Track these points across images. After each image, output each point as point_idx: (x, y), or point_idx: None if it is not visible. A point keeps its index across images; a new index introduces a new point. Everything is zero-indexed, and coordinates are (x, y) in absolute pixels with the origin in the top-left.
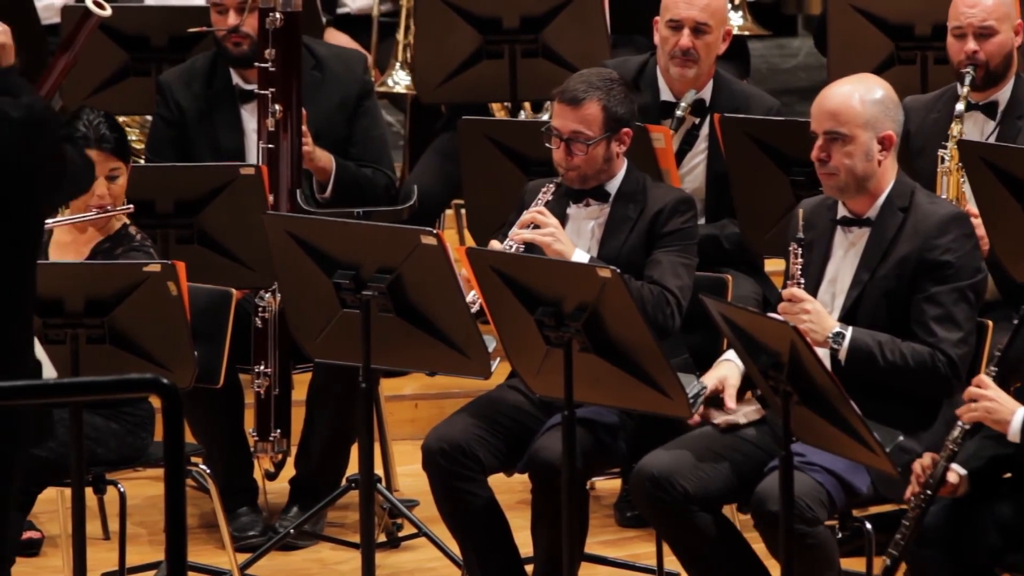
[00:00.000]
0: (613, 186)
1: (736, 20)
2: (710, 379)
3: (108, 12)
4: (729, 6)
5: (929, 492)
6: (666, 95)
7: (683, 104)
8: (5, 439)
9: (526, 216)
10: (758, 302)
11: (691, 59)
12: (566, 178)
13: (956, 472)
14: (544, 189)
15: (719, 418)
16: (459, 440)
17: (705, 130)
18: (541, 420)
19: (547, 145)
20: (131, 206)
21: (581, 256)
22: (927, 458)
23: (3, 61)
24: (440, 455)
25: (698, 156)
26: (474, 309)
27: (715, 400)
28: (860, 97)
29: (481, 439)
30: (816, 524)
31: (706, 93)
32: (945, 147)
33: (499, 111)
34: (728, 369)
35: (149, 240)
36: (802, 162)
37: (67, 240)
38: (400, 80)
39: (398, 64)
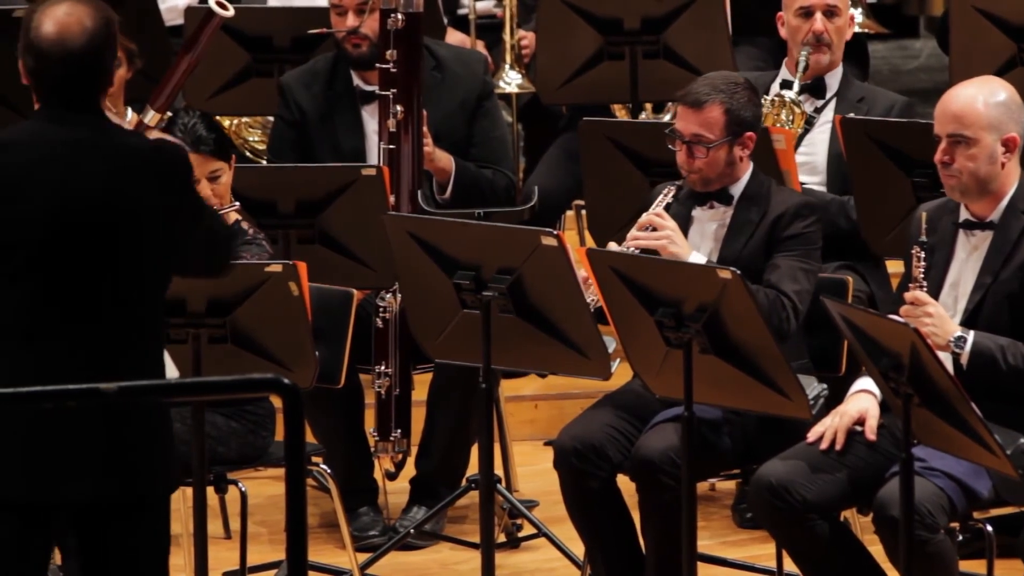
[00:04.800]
0: (737, 189)
1: (856, 16)
2: (850, 411)
3: (231, 13)
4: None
5: None
6: (786, 75)
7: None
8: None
9: (644, 219)
10: (863, 300)
11: (824, 43)
12: (688, 180)
13: None
14: (665, 192)
15: None
16: (592, 439)
17: (827, 115)
18: None
19: (670, 147)
20: (237, 203)
21: (698, 259)
22: None
23: None
24: (573, 455)
25: (821, 135)
26: (592, 307)
27: None
28: (984, 100)
29: (612, 438)
30: (936, 531)
31: (833, 79)
32: None
33: (620, 112)
34: (867, 401)
35: (263, 233)
36: (924, 164)
37: None
38: (512, 80)
39: (507, 64)
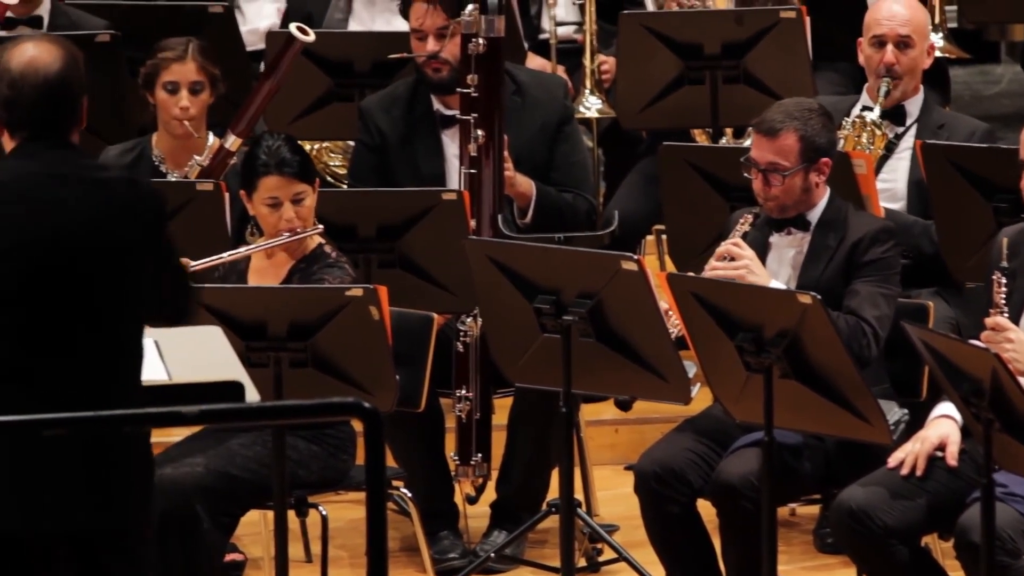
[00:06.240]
0: (814, 215)
1: (936, 41)
2: (931, 437)
3: (311, 38)
4: (929, 26)
5: None
6: (866, 101)
7: (884, 87)
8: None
9: (721, 248)
10: (952, 327)
11: (894, 75)
12: (765, 208)
13: None
14: (742, 220)
15: None
16: (672, 464)
17: (907, 142)
18: None
19: (745, 175)
20: (320, 227)
21: (777, 287)
22: None
23: None
24: (653, 479)
25: (902, 161)
26: (674, 337)
27: None
28: None
29: (692, 462)
30: (1018, 556)
31: (914, 106)
32: None
33: (700, 137)
34: (949, 427)
35: (345, 257)
36: (1005, 188)
37: (264, 265)
38: (592, 105)
39: (587, 89)
